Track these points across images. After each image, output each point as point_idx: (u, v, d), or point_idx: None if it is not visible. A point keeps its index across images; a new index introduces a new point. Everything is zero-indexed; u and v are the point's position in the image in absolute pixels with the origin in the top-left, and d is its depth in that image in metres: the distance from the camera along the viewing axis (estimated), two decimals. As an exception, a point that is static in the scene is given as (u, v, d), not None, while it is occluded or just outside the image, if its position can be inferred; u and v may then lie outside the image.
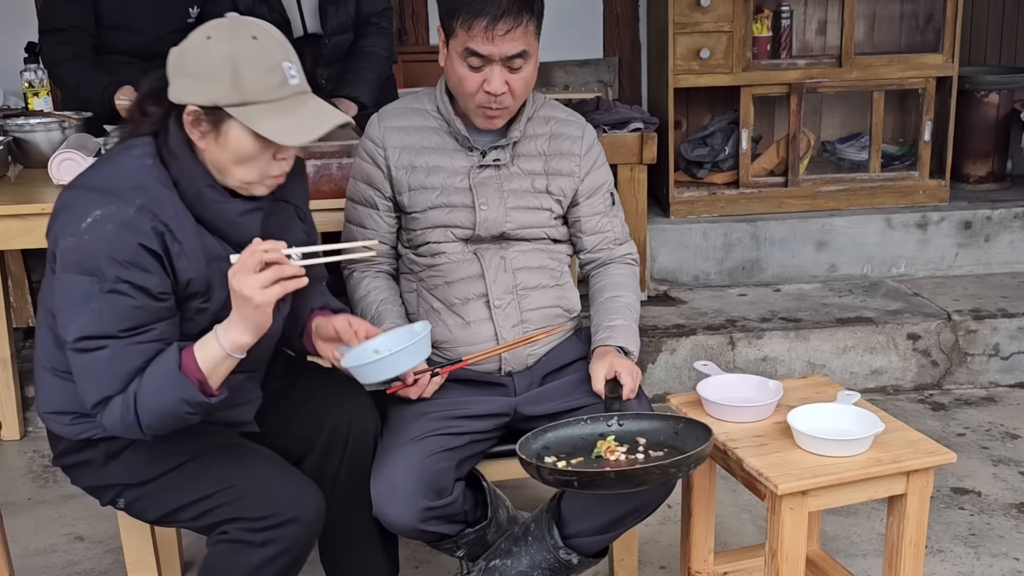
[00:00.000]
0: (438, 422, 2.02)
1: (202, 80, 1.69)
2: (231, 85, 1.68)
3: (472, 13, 1.96)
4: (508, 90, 2.02)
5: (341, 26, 3.43)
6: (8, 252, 3.29)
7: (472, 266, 2.13)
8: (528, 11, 1.98)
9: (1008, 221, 4.07)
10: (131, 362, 1.71)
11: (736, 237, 4.01)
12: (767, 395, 2.04)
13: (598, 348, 2.11)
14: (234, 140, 1.72)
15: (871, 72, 4.09)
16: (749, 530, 2.73)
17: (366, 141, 2.17)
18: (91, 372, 1.71)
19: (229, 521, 1.81)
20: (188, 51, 1.72)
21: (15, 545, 2.47)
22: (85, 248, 1.66)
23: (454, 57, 2.03)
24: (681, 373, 3.52)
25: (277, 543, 1.80)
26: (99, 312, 1.67)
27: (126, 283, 1.67)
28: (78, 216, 1.68)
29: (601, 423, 1.97)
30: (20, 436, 3.29)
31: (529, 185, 2.14)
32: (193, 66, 1.70)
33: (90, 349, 1.69)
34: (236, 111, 1.69)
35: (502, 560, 2.09)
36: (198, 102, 1.70)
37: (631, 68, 4.81)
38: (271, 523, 1.79)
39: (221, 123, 1.71)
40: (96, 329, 1.68)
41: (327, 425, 2.02)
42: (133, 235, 1.67)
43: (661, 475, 1.79)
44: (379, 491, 1.95)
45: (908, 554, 1.91)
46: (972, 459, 3.07)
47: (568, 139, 2.18)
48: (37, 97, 3.24)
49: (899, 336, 3.57)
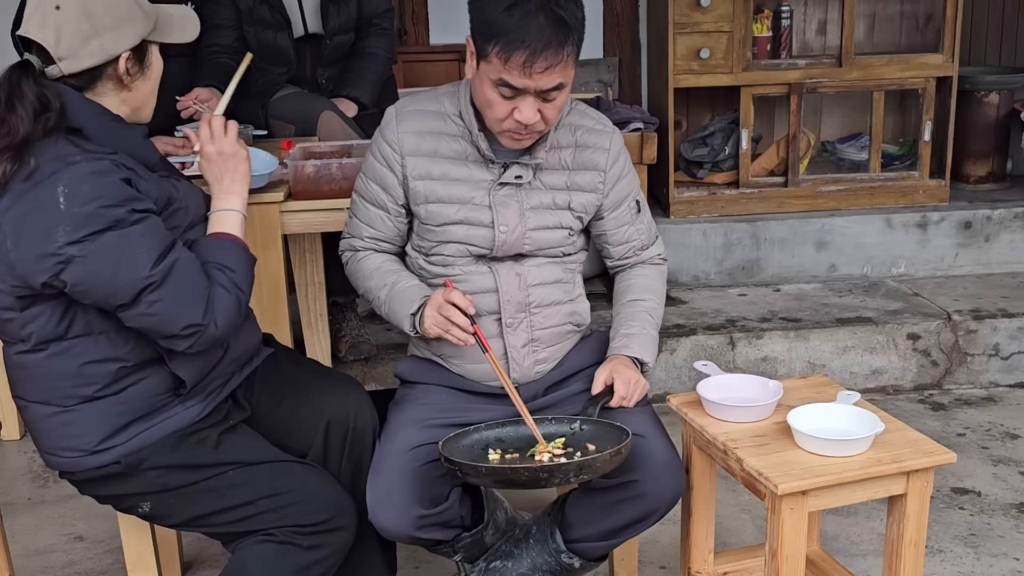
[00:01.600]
0: (436, 430, 2.00)
1: (123, 24, 1.79)
2: (140, 16, 1.82)
3: (511, 45, 1.81)
4: (540, 117, 1.91)
5: (343, 26, 3.43)
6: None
7: (486, 280, 2.06)
8: (570, 42, 1.84)
9: (1008, 221, 4.07)
10: (195, 264, 1.81)
11: (736, 237, 4.01)
12: (767, 395, 2.04)
13: (611, 356, 2.10)
14: (156, 64, 1.89)
15: (871, 72, 4.08)
16: (749, 530, 2.72)
17: (382, 142, 2.06)
18: (181, 287, 1.77)
19: (277, 527, 1.87)
20: (93, 8, 1.76)
21: (15, 545, 2.47)
22: (84, 216, 1.67)
23: (485, 80, 1.89)
24: (681, 373, 3.52)
25: (324, 548, 1.90)
26: (147, 238, 1.73)
27: (136, 212, 1.72)
28: (48, 211, 1.67)
29: (564, 424, 1.99)
30: (20, 436, 3.29)
31: (550, 201, 2.05)
32: (106, 18, 1.77)
33: (168, 270, 1.74)
34: (154, 35, 1.85)
35: (503, 562, 2.09)
36: (130, 45, 1.80)
37: (631, 68, 4.81)
38: (321, 529, 1.88)
39: (144, 55, 1.85)
40: (159, 249, 1.74)
41: (326, 424, 2.03)
42: (108, 177, 1.71)
43: (530, 477, 1.83)
44: (374, 499, 1.94)
45: (908, 554, 1.91)
46: (972, 459, 3.07)
47: (594, 151, 2.08)
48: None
49: (899, 336, 3.57)
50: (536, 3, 1.81)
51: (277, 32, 3.34)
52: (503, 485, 1.88)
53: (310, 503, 1.89)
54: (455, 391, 2.11)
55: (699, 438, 2.04)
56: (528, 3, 1.81)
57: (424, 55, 4.58)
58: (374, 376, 3.27)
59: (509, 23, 1.81)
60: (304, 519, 1.87)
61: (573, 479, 1.82)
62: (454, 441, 1.92)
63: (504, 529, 2.16)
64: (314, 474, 1.96)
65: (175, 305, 1.75)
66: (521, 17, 1.80)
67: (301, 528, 1.87)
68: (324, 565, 1.91)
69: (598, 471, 1.83)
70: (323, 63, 3.46)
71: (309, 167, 2.51)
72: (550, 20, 1.81)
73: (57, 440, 1.86)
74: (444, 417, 2.04)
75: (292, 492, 1.89)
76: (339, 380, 2.12)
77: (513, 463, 1.89)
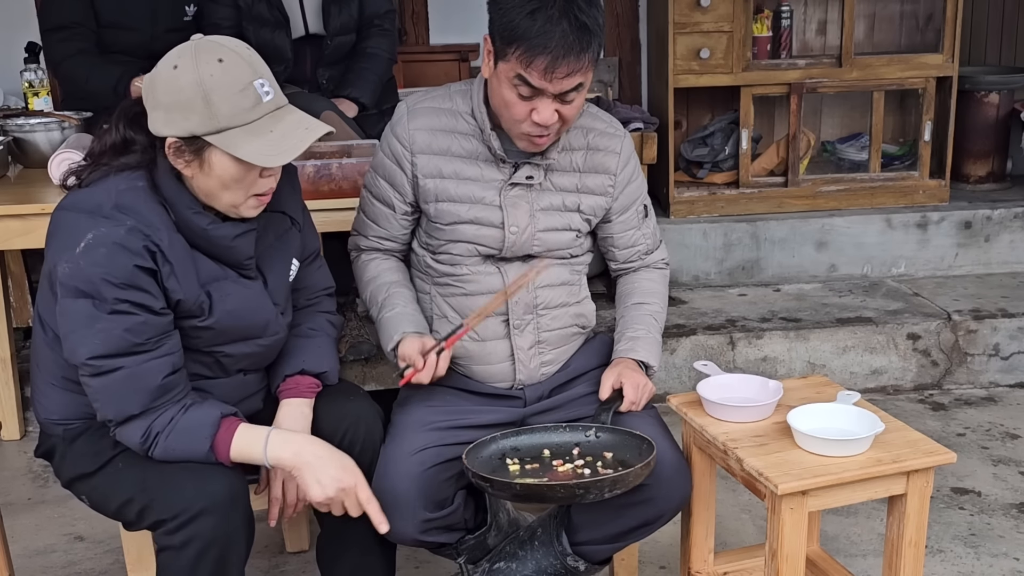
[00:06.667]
0: (441, 432, 2.00)
1: (176, 111, 1.69)
2: (205, 113, 1.68)
3: (533, 50, 1.79)
4: (558, 118, 1.89)
5: (344, 27, 3.43)
6: (8, 252, 3.29)
7: (494, 281, 2.05)
8: (590, 45, 1.83)
9: (1008, 221, 4.07)
10: (149, 380, 1.73)
11: (736, 237, 4.01)
12: (767, 395, 2.04)
13: (617, 358, 2.10)
14: (218, 166, 1.72)
15: (871, 72, 4.08)
16: (749, 530, 2.72)
17: (392, 139, 2.04)
18: (109, 393, 1.73)
19: (154, 526, 1.79)
20: (157, 82, 1.71)
21: (15, 545, 2.47)
22: (82, 273, 1.68)
23: (503, 79, 1.87)
24: (681, 373, 3.52)
25: (197, 540, 1.73)
26: (106, 332, 1.69)
27: (126, 303, 1.69)
28: (72, 241, 1.69)
29: (579, 432, 1.98)
30: (20, 436, 3.29)
31: (560, 203, 2.05)
32: (165, 97, 1.69)
33: (105, 371, 1.71)
34: (214, 139, 1.69)
35: (507, 563, 2.08)
36: (176, 134, 1.70)
37: (631, 68, 4.81)
38: (181, 521, 1.73)
39: (203, 151, 1.71)
40: (107, 348, 1.70)
41: (330, 429, 2.01)
42: (127, 257, 1.68)
43: (566, 494, 1.81)
44: (379, 502, 1.92)
45: (908, 554, 1.91)
46: (972, 459, 3.07)
47: (606, 154, 2.07)
48: (37, 97, 3.25)
49: (899, 336, 3.57)
50: (560, 8, 1.80)
51: (275, 30, 3.34)
52: (536, 501, 1.85)
53: (165, 493, 1.77)
54: (460, 391, 2.10)
55: (699, 438, 2.04)
56: (551, 8, 1.80)
57: (424, 55, 4.58)
58: (374, 376, 3.26)
59: (532, 28, 1.79)
60: (164, 512, 1.75)
61: (608, 494, 1.80)
62: (473, 453, 1.90)
63: (507, 531, 2.15)
64: (181, 467, 1.80)
65: (100, 397, 1.75)
66: (544, 22, 1.79)
67: (167, 524, 1.75)
68: (209, 558, 1.74)
69: (630, 484, 1.83)
70: (324, 63, 3.46)
71: (309, 167, 2.51)
72: (573, 26, 1.80)
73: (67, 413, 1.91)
74: (450, 419, 2.04)
75: (151, 484, 1.79)
76: (343, 388, 2.09)
77: (534, 474, 1.88)
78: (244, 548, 1.80)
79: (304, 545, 2.62)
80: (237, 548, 1.78)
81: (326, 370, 2.00)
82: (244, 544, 1.80)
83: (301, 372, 1.98)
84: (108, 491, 1.87)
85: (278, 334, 1.94)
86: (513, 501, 2.06)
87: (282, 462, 1.79)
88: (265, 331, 1.91)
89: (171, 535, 1.74)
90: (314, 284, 2.08)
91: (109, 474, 1.85)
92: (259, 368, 1.99)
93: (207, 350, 1.86)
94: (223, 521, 1.75)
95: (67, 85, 3.52)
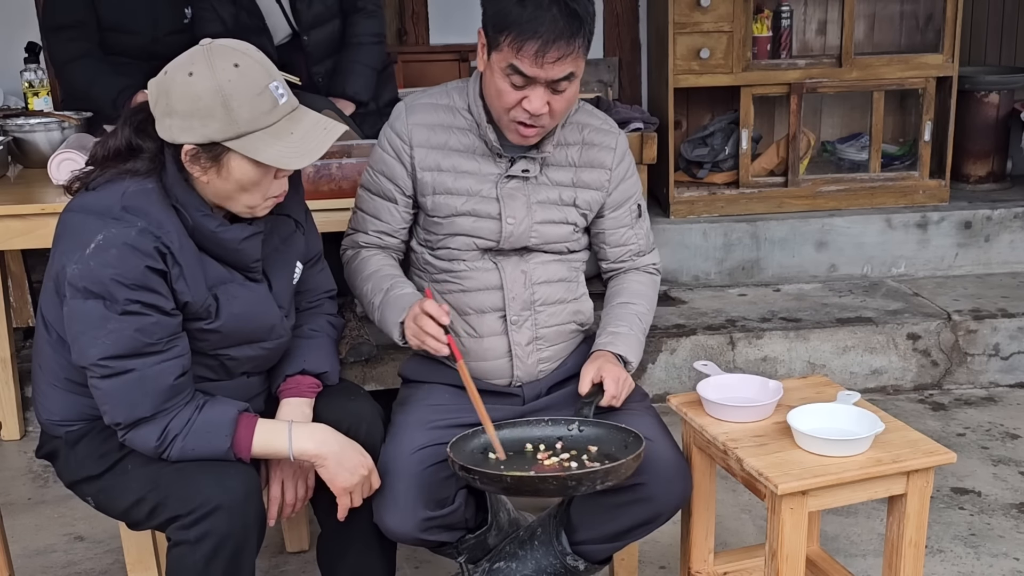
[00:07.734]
0: (441, 431, 2.00)
1: (194, 118, 1.68)
2: (225, 119, 1.67)
3: (523, 35, 1.84)
4: (548, 110, 1.92)
5: (317, 18, 3.32)
6: (8, 252, 3.29)
7: (491, 277, 2.07)
8: (581, 33, 1.87)
9: (1008, 221, 4.07)
10: (160, 383, 1.73)
11: (736, 237, 4.01)
12: (767, 395, 2.04)
13: (596, 351, 2.10)
14: (237, 171, 1.72)
15: (871, 72, 4.08)
16: (749, 530, 2.72)
17: (391, 134, 2.08)
18: (120, 396, 1.73)
19: (168, 522, 1.79)
20: (171, 90, 1.69)
21: (15, 545, 2.47)
22: (92, 274, 1.67)
23: (495, 69, 1.92)
24: (681, 373, 3.52)
25: (211, 536, 1.73)
26: (117, 332, 1.69)
27: (138, 303, 1.69)
28: (81, 242, 1.69)
29: (562, 426, 1.98)
30: (20, 436, 3.29)
31: (556, 197, 2.07)
32: (180, 105, 1.68)
33: (116, 372, 1.71)
34: (235, 144, 1.69)
35: (507, 563, 2.08)
36: (194, 140, 1.69)
37: (631, 68, 4.81)
38: (197, 516, 1.74)
39: (221, 157, 1.71)
40: (118, 349, 1.70)
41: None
42: (138, 257, 1.68)
43: (558, 486, 1.81)
44: (380, 501, 1.94)
45: (908, 554, 1.91)
46: (972, 459, 3.07)
47: (601, 149, 2.10)
48: (37, 97, 3.25)
49: (899, 336, 3.57)
50: None
51: (259, 37, 3.26)
52: (528, 494, 1.84)
53: (181, 489, 1.77)
54: (460, 390, 2.10)
55: (699, 438, 2.04)
56: None
57: (424, 55, 4.58)
58: (374, 376, 3.26)
59: (523, 14, 1.84)
60: (179, 508, 1.76)
61: (599, 486, 1.80)
62: (457, 447, 1.90)
63: (507, 530, 2.15)
64: (196, 464, 1.81)
65: (109, 400, 1.74)
66: (535, 9, 1.84)
67: (182, 519, 1.75)
68: (224, 555, 1.75)
69: (622, 476, 1.82)
70: (312, 61, 3.38)
71: (308, 167, 2.51)
72: (563, 12, 1.84)
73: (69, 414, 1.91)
74: (449, 418, 2.04)
75: (165, 481, 1.79)
76: (344, 388, 2.09)
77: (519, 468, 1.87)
78: (256, 544, 1.81)
79: (304, 545, 2.62)
80: (250, 544, 1.79)
81: (326, 370, 2.00)
82: (256, 540, 1.81)
83: (302, 372, 1.98)
84: (116, 492, 1.86)
85: (282, 337, 1.95)
86: (503, 494, 2.06)
87: (307, 453, 1.82)
88: (270, 334, 1.91)
89: (186, 530, 1.75)
90: (317, 286, 2.08)
91: (117, 475, 1.85)
92: (262, 371, 1.99)
93: (212, 353, 1.86)
94: (239, 517, 1.76)
95: (68, 86, 3.52)
